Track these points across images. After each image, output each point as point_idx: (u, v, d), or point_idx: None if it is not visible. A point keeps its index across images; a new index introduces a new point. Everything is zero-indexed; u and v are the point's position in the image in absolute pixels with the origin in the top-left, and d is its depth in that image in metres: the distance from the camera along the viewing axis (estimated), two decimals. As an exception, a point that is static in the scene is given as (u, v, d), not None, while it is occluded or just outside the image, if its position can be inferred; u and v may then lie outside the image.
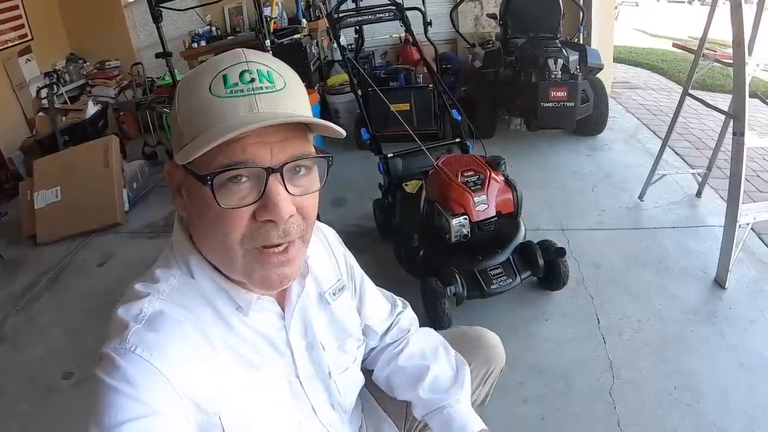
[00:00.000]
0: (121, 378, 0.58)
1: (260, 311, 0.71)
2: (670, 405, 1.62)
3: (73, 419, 1.74)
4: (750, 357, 1.77)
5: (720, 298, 2.06)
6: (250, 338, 0.71)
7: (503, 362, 1.06)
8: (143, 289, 0.67)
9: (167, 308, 0.65)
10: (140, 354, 0.60)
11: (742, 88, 1.97)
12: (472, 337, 1.05)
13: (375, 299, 0.97)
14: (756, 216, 2.08)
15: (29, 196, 3.20)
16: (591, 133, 3.73)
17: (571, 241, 2.49)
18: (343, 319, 0.85)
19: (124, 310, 0.64)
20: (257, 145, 0.59)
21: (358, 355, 0.88)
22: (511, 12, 3.77)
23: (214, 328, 0.67)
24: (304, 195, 0.64)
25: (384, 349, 0.98)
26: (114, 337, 0.62)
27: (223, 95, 0.59)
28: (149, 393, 0.58)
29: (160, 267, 0.70)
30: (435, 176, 2.12)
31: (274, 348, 0.73)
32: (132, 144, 4.52)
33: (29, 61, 4.48)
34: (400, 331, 0.99)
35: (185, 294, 0.67)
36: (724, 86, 5.04)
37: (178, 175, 0.66)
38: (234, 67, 0.61)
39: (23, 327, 2.38)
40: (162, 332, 0.62)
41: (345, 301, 0.86)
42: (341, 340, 0.84)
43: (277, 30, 4.30)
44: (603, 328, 1.95)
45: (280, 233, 0.62)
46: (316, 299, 0.81)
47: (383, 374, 0.97)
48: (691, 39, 8.26)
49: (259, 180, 0.60)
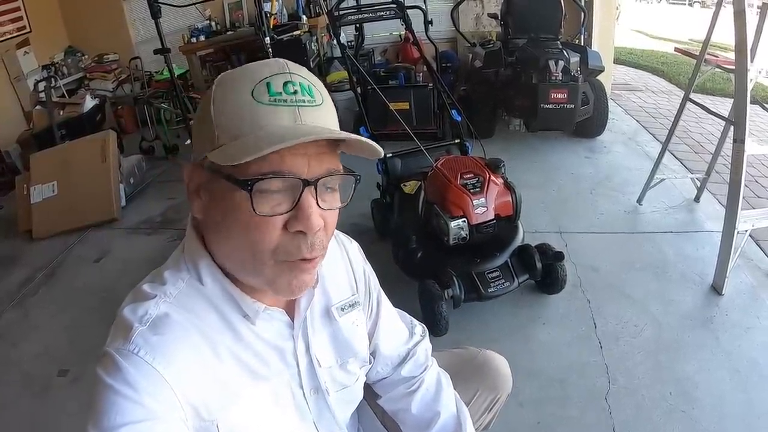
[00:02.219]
0: (122, 380, 0.58)
1: (268, 320, 0.71)
2: (666, 411, 1.62)
3: (69, 417, 1.75)
4: (746, 364, 1.77)
5: (717, 304, 2.06)
6: (256, 347, 0.70)
7: (510, 389, 1.04)
8: (151, 290, 0.66)
9: (173, 312, 0.64)
10: (143, 357, 0.59)
11: (744, 95, 1.97)
12: (480, 362, 1.02)
13: (391, 323, 0.93)
14: (755, 223, 2.08)
15: (25, 191, 3.18)
16: (590, 135, 3.73)
17: (569, 244, 2.49)
18: (349, 337, 0.82)
19: (130, 310, 0.64)
20: (298, 157, 0.59)
21: (362, 374, 0.85)
22: (512, 12, 3.77)
23: (219, 335, 0.67)
24: (329, 210, 0.65)
25: (398, 383, 0.93)
26: (118, 336, 0.62)
27: (266, 102, 0.59)
28: (150, 397, 0.58)
29: (169, 269, 0.69)
30: (434, 178, 2.12)
31: (281, 357, 0.73)
32: (129, 139, 4.50)
33: (27, 53, 4.45)
34: (417, 366, 0.94)
35: (193, 298, 0.66)
36: (725, 90, 5.04)
37: (199, 177, 0.65)
38: (278, 76, 0.61)
39: (18, 323, 2.37)
40: (166, 336, 0.62)
41: (354, 318, 0.83)
42: (344, 359, 0.81)
43: (276, 26, 4.28)
44: (600, 332, 1.95)
45: (308, 246, 0.62)
46: (321, 312, 0.79)
47: (392, 407, 0.94)
48: (692, 42, 8.26)
49: (293, 191, 0.60)
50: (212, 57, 4.90)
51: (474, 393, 0.99)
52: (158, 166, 3.95)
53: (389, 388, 0.94)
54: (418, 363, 0.94)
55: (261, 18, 3.28)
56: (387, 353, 0.91)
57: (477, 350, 1.06)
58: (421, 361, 0.94)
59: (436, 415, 0.89)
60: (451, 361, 1.01)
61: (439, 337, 1.93)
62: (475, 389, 0.99)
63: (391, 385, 0.94)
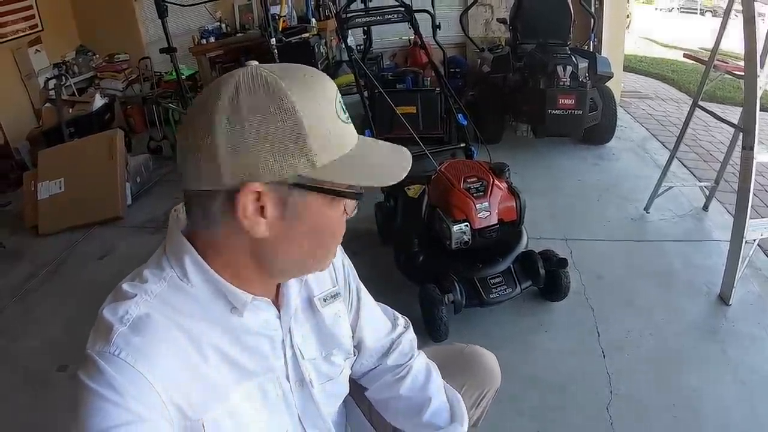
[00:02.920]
0: (105, 383, 0.57)
1: (256, 311, 0.70)
2: (669, 422, 1.59)
3: (67, 412, 1.74)
4: (752, 375, 1.74)
5: (723, 314, 2.02)
6: (244, 340, 0.69)
7: (498, 384, 1.03)
8: (131, 289, 0.65)
9: (154, 311, 0.63)
10: (125, 359, 0.58)
11: (753, 102, 1.94)
12: (466, 357, 1.02)
13: (373, 314, 0.93)
14: (763, 232, 2.05)
15: (33, 187, 3.21)
16: (598, 142, 3.70)
17: (574, 251, 2.46)
18: (332, 328, 0.81)
19: (109, 311, 0.63)
20: None
21: (346, 366, 0.85)
22: (521, 17, 3.75)
23: (205, 332, 0.66)
24: None
25: (384, 372, 0.94)
26: (98, 338, 0.61)
27: (344, 120, 0.63)
28: (134, 400, 0.57)
29: (149, 267, 0.68)
30: (437, 181, 2.10)
31: (270, 348, 0.72)
32: (138, 138, 4.53)
33: (39, 51, 4.49)
34: (402, 356, 0.94)
35: (176, 296, 0.65)
36: (735, 98, 5.00)
37: (272, 194, 0.60)
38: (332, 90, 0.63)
39: (20, 318, 2.38)
40: (147, 336, 0.61)
41: (336, 309, 0.83)
42: (328, 350, 0.81)
43: (285, 29, 4.30)
44: (603, 341, 1.92)
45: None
46: (303, 304, 0.79)
47: (381, 397, 0.94)
48: (703, 50, 8.20)
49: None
50: (222, 58, 4.93)
51: (461, 388, 0.97)
52: (165, 165, 3.96)
53: (377, 378, 0.94)
54: (403, 352, 0.94)
55: (267, 20, 3.29)
56: (371, 345, 0.92)
57: (463, 345, 1.06)
58: (406, 350, 0.95)
59: (426, 401, 0.89)
60: (437, 356, 1.00)
61: (439, 342, 1.91)
62: (462, 384, 0.98)
63: (378, 376, 0.94)
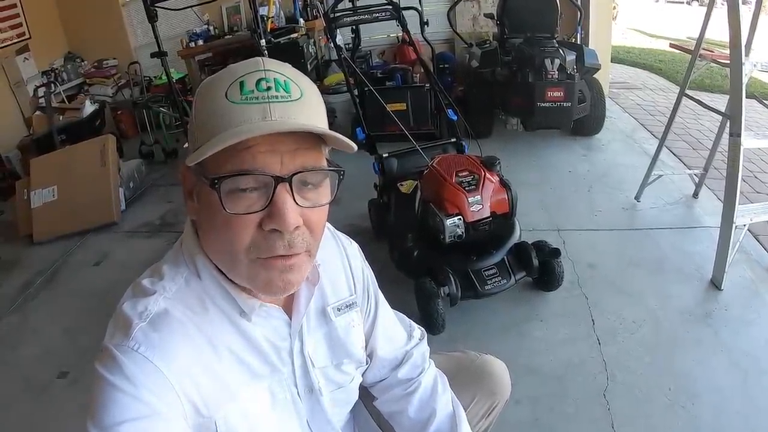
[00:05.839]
0: (122, 376, 0.58)
1: (265, 317, 0.71)
2: (665, 406, 1.61)
3: (68, 418, 1.75)
4: (745, 358, 1.77)
5: (716, 299, 2.05)
6: (254, 344, 0.70)
7: (508, 395, 1.02)
8: (150, 285, 0.66)
9: (172, 308, 0.65)
10: (143, 353, 0.60)
11: (739, 89, 1.97)
12: (477, 367, 1.01)
13: (389, 325, 0.92)
14: (752, 217, 2.08)
15: (25, 195, 3.19)
16: (588, 133, 3.73)
17: (566, 241, 2.49)
18: (344, 338, 0.81)
19: (129, 306, 0.64)
20: (267, 154, 0.59)
21: (357, 375, 0.85)
22: (508, 12, 3.77)
23: (218, 332, 0.67)
24: (313, 208, 0.63)
25: (394, 385, 0.92)
26: (117, 332, 0.62)
27: (238, 101, 0.59)
28: (150, 393, 0.58)
29: (168, 263, 0.70)
30: (429, 176, 2.12)
31: (277, 355, 0.72)
32: (129, 143, 4.51)
33: (27, 59, 4.47)
34: (414, 368, 0.93)
35: (191, 294, 0.67)
36: (722, 87, 5.04)
37: (191, 179, 0.66)
38: (251, 74, 0.60)
39: (18, 326, 2.37)
40: (166, 332, 0.62)
41: (351, 319, 0.82)
42: (339, 359, 0.81)
43: (274, 29, 4.29)
44: (598, 328, 1.95)
45: (286, 245, 0.61)
46: (316, 312, 0.79)
47: (389, 409, 0.94)
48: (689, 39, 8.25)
49: (267, 189, 0.60)
50: (210, 61, 4.91)
51: (472, 398, 0.97)
52: (158, 170, 3.96)
53: (386, 390, 0.93)
54: (415, 365, 0.93)
55: (256, 21, 3.29)
56: (384, 355, 0.91)
57: (476, 354, 1.04)
58: (418, 363, 0.94)
59: (432, 415, 0.89)
60: (449, 366, 1.00)
61: (436, 335, 1.93)
62: (473, 395, 0.97)
63: (388, 388, 0.93)
